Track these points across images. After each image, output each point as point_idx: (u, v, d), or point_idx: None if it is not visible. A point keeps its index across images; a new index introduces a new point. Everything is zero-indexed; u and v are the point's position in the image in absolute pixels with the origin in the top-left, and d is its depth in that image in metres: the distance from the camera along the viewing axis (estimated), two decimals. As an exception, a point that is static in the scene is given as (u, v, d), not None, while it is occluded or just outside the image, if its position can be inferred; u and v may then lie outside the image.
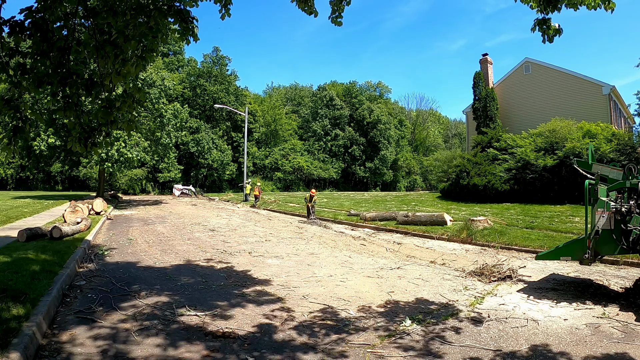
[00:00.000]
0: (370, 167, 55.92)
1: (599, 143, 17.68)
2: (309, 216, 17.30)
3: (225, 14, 4.87)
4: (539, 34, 4.43)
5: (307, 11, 5.02)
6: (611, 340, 4.23)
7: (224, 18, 4.92)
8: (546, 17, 4.38)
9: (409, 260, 8.75)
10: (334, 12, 5.07)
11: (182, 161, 47.19)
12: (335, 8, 5.04)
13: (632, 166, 5.80)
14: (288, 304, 5.38)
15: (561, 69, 26.26)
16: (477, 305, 5.45)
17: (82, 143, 4.21)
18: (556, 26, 4.41)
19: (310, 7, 5.00)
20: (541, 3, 4.27)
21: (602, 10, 4.12)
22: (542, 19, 4.41)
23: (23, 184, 45.48)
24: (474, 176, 20.81)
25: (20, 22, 3.74)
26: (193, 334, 4.23)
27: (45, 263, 6.55)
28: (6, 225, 11.73)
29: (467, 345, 4.09)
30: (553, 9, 4.26)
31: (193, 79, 49.59)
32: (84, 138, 4.22)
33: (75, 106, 4.03)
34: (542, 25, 4.44)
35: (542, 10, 4.32)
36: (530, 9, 4.40)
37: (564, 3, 4.17)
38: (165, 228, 13.44)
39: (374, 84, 66.30)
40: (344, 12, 5.14)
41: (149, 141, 26.54)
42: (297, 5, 4.98)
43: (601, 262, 7.98)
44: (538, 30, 4.46)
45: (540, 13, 4.36)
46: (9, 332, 3.62)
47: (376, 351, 3.92)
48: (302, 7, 5.00)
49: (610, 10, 4.10)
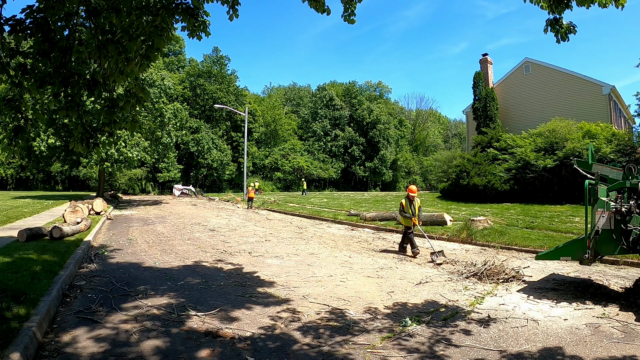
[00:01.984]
0: (370, 167, 55.94)
1: (599, 143, 17.67)
2: None
3: (233, 15, 4.86)
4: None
5: (320, 10, 4.96)
6: (611, 340, 4.23)
7: (232, 19, 4.91)
8: (557, 17, 4.33)
9: (409, 261, 8.75)
10: (346, 10, 5.04)
11: (182, 161, 47.22)
12: (347, 6, 5.01)
13: (632, 166, 5.80)
14: (288, 304, 5.38)
15: (561, 69, 26.25)
16: (477, 305, 5.45)
17: (84, 143, 4.20)
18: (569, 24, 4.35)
19: (322, 6, 4.96)
20: (552, 3, 4.22)
21: (602, 10, 4.09)
22: (554, 19, 4.37)
23: (23, 184, 45.47)
24: (474, 176, 20.81)
25: (21, 21, 3.74)
26: (193, 334, 4.23)
27: (45, 263, 6.54)
28: (6, 225, 11.73)
29: (467, 345, 4.09)
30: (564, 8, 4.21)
31: (193, 79, 49.57)
32: (85, 138, 4.21)
33: (77, 106, 4.02)
34: (554, 25, 4.39)
35: (552, 10, 4.26)
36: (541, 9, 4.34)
37: (575, 1, 4.11)
38: (165, 228, 13.44)
39: (374, 84, 66.32)
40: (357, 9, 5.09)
41: (149, 141, 26.55)
42: (309, 4, 4.94)
43: (601, 262, 7.98)
44: (550, 31, 4.40)
45: (551, 13, 4.31)
46: (9, 332, 3.61)
47: (376, 351, 3.92)
48: (313, 5, 4.95)
49: (620, 7, 4.04)
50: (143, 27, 3.94)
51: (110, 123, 4.17)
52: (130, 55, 3.90)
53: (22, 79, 3.90)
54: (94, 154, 5.16)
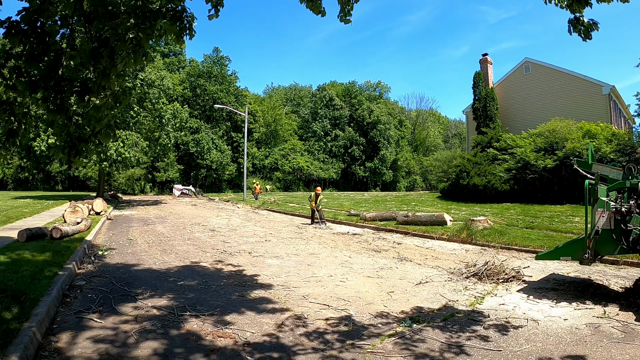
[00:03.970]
0: (370, 167, 55.96)
1: (599, 143, 17.66)
2: (316, 219, 15.40)
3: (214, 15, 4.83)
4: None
5: (316, 11, 4.98)
6: (611, 340, 4.23)
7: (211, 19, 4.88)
8: (578, 15, 4.29)
9: (409, 261, 8.75)
10: (342, 10, 5.04)
11: (183, 160, 47.24)
12: (343, 6, 5.01)
13: (632, 166, 5.80)
14: (288, 304, 5.38)
15: (561, 69, 26.24)
16: (477, 305, 5.45)
17: (65, 151, 4.12)
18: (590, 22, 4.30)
19: (319, 7, 4.97)
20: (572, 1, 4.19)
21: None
22: (575, 18, 4.33)
23: (23, 184, 45.49)
24: (474, 176, 20.80)
25: (16, 24, 3.71)
26: (193, 335, 4.23)
27: (45, 263, 6.55)
28: (6, 226, 11.73)
29: (467, 344, 4.09)
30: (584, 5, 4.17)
31: (193, 79, 49.59)
32: (68, 146, 4.12)
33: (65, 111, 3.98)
34: (576, 25, 4.36)
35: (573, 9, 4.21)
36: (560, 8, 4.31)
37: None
38: (165, 228, 13.44)
39: (373, 84, 66.33)
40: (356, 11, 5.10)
41: (148, 141, 26.56)
42: (306, 5, 4.95)
43: (601, 262, 7.98)
44: (574, 31, 4.35)
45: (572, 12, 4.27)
46: (9, 332, 3.62)
47: (376, 351, 3.92)
48: (310, 6, 4.96)
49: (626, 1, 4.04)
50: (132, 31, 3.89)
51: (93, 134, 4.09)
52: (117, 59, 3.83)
53: (16, 81, 3.87)
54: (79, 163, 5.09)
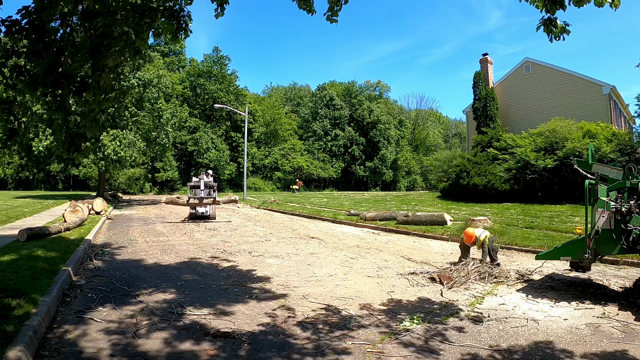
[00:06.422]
0: (370, 166, 55.91)
1: (599, 143, 17.65)
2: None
3: (220, 14, 4.86)
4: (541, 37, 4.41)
5: (307, 10, 5.03)
6: (611, 340, 4.23)
7: (218, 17, 4.91)
8: (552, 16, 4.34)
9: (409, 260, 8.75)
10: (330, 9, 5.07)
11: (182, 160, 47.21)
12: (332, 5, 5.04)
13: (632, 166, 5.80)
14: (288, 304, 5.38)
15: (561, 69, 26.24)
16: (477, 305, 5.46)
17: (65, 147, 4.18)
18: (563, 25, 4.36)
19: (310, 6, 5.02)
20: (546, 2, 4.23)
21: (603, 11, 4.10)
22: (548, 18, 4.37)
23: (23, 183, 45.45)
24: (474, 176, 20.80)
25: (17, 22, 3.71)
26: (194, 333, 4.24)
27: (45, 263, 6.54)
28: (6, 225, 11.73)
29: (467, 345, 4.10)
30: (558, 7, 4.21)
31: (193, 79, 49.53)
32: (67, 143, 4.18)
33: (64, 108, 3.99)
34: (547, 25, 4.39)
35: (547, 9, 4.27)
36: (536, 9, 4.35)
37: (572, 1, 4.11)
38: (165, 228, 13.44)
39: (373, 83, 66.24)
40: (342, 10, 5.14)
41: (147, 142, 26.55)
42: (298, 4, 4.99)
43: (601, 262, 7.98)
44: (543, 31, 4.42)
45: (546, 13, 4.32)
46: (9, 332, 3.62)
47: (376, 349, 3.93)
48: (301, 5, 5.00)
49: (614, 8, 4.05)
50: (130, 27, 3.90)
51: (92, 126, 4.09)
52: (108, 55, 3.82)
53: (16, 80, 3.87)
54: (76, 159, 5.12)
